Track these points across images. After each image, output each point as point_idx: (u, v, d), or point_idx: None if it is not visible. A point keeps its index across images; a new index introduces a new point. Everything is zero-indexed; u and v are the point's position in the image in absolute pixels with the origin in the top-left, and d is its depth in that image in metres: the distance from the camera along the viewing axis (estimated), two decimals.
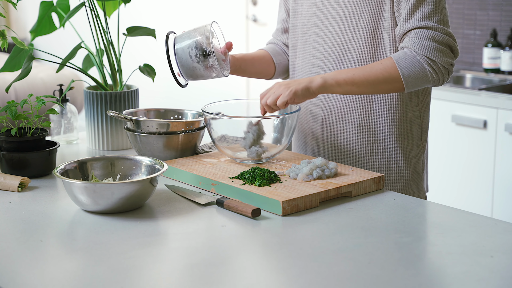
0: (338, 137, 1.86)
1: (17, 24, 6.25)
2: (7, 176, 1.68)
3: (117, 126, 2.02)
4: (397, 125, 1.82)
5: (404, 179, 1.84)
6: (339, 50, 1.82)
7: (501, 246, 1.32)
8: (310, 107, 1.89)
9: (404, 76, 1.69)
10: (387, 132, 1.82)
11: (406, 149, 1.84)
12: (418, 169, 1.87)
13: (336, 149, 1.86)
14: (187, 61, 1.77)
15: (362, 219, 1.47)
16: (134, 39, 2.41)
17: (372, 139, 1.83)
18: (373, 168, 1.83)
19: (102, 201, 1.47)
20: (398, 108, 1.81)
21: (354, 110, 1.83)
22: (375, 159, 1.83)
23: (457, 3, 3.79)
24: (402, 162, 1.83)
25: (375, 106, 1.81)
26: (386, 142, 1.82)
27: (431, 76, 1.70)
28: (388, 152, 1.83)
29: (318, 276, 1.21)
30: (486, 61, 3.61)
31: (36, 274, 1.23)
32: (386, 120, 1.82)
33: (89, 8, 1.98)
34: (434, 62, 1.69)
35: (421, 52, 1.69)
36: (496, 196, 3.08)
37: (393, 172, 1.83)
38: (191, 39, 1.76)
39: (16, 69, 1.92)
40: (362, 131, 1.83)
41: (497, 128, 3.05)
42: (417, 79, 1.70)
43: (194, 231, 1.42)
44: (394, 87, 1.71)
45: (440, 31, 1.69)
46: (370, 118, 1.82)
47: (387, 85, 1.71)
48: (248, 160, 1.75)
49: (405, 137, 1.83)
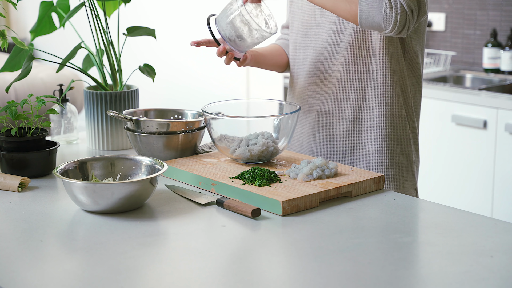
0: (334, 125, 1.88)
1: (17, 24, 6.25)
2: (7, 176, 1.68)
3: (117, 126, 2.02)
4: (390, 109, 1.84)
5: (397, 165, 1.86)
6: (335, 38, 1.85)
7: (501, 246, 1.32)
8: (306, 97, 1.91)
9: (361, 0, 1.67)
10: (381, 117, 1.84)
11: (398, 134, 1.86)
12: (409, 157, 1.89)
13: (332, 137, 1.88)
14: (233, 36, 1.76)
15: (362, 219, 1.47)
16: (135, 39, 2.41)
17: (367, 124, 1.85)
18: (368, 154, 1.86)
19: (102, 201, 1.47)
20: (391, 92, 1.84)
21: (349, 96, 1.86)
22: (370, 145, 1.85)
23: (457, 3, 3.79)
24: (395, 147, 1.86)
25: (369, 91, 1.84)
26: (380, 127, 1.84)
27: (385, 10, 1.65)
28: (382, 138, 1.84)
29: (318, 276, 1.21)
30: (486, 61, 3.61)
31: (36, 274, 1.23)
32: (380, 105, 1.84)
33: (89, 8, 1.98)
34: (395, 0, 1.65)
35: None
36: (496, 196, 3.08)
37: (386, 157, 1.85)
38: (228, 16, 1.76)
39: (16, 69, 1.92)
40: (357, 116, 1.86)
41: (497, 128, 3.05)
42: (371, 8, 1.66)
43: (194, 231, 1.42)
44: (350, 9, 1.69)
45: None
46: (365, 104, 1.85)
47: (345, 4, 1.69)
48: (246, 159, 1.75)
49: (398, 122, 1.86)
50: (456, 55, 3.80)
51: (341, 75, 1.85)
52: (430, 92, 3.26)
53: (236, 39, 1.77)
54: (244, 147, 1.74)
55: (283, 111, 1.88)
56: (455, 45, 3.82)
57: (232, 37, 1.77)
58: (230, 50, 1.81)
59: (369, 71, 1.84)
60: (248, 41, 1.77)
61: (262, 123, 1.77)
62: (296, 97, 1.97)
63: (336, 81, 1.87)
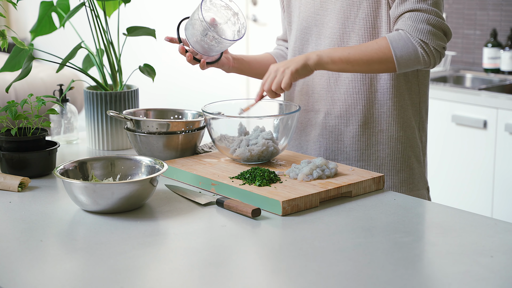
0: (342, 131, 1.87)
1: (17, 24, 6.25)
2: (7, 176, 1.68)
3: (117, 126, 2.02)
4: (399, 113, 1.84)
5: (409, 168, 1.87)
6: (338, 43, 1.84)
7: (501, 246, 1.32)
8: (312, 102, 1.90)
9: (396, 56, 1.72)
10: (391, 121, 1.84)
11: (409, 137, 1.86)
12: (419, 158, 1.89)
13: (341, 143, 1.87)
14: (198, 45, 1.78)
15: (362, 219, 1.47)
16: (135, 39, 2.41)
17: (377, 129, 1.84)
18: (379, 159, 1.85)
19: (102, 201, 1.47)
20: (400, 96, 1.84)
21: (358, 102, 1.84)
22: (380, 149, 1.84)
23: (457, 3, 3.79)
24: (407, 151, 1.86)
25: (379, 96, 1.83)
26: (390, 131, 1.84)
27: (422, 58, 1.73)
28: (393, 142, 1.84)
29: (318, 276, 1.21)
30: (486, 61, 3.61)
31: (36, 274, 1.23)
32: (390, 109, 1.83)
33: (89, 8, 1.98)
34: (427, 45, 1.72)
35: (415, 34, 1.72)
36: (496, 196, 3.08)
37: (398, 161, 1.85)
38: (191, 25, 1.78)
39: (16, 69, 1.92)
40: (367, 122, 1.84)
41: (497, 128, 3.05)
42: (409, 60, 1.73)
43: (194, 231, 1.42)
44: (387, 67, 1.75)
45: (434, 14, 1.72)
46: (374, 108, 1.84)
47: (380, 65, 1.74)
48: (246, 159, 1.75)
49: (408, 125, 1.86)
50: (456, 55, 3.80)
51: (349, 80, 1.85)
52: (430, 92, 3.25)
53: (194, 43, 1.78)
54: (244, 147, 1.74)
55: (283, 111, 1.88)
56: (455, 45, 3.82)
57: (191, 39, 1.78)
58: (191, 52, 1.83)
59: (377, 76, 1.83)
60: (205, 47, 1.78)
61: (262, 123, 1.77)
62: (300, 103, 1.95)
63: (344, 87, 1.85)
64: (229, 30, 1.82)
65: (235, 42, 1.78)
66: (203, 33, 1.75)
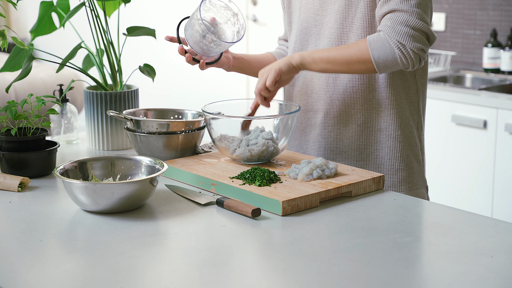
0: (341, 131, 1.87)
1: (17, 24, 6.25)
2: (7, 176, 1.68)
3: (117, 126, 2.02)
4: (397, 112, 1.84)
5: (408, 167, 1.87)
6: (337, 44, 1.84)
7: (501, 246, 1.32)
8: (311, 103, 1.90)
9: (374, 58, 1.72)
10: (389, 120, 1.84)
11: (407, 136, 1.86)
12: (418, 157, 1.90)
13: (341, 143, 1.87)
14: (197, 46, 1.79)
15: (362, 219, 1.47)
16: (135, 39, 2.41)
17: (375, 128, 1.84)
18: (378, 158, 1.85)
19: (102, 201, 1.47)
20: (398, 95, 1.84)
21: (356, 101, 1.84)
22: (379, 149, 1.85)
23: (457, 3, 3.79)
24: (406, 150, 1.86)
25: (377, 95, 1.84)
26: (389, 130, 1.84)
27: (400, 60, 1.72)
28: (392, 141, 1.84)
29: (318, 276, 1.21)
30: (486, 61, 3.61)
31: (36, 274, 1.23)
32: (388, 108, 1.84)
33: (89, 8, 1.98)
34: (404, 47, 1.70)
35: (393, 36, 1.71)
36: (496, 196, 3.09)
37: (397, 160, 1.85)
38: (191, 26, 1.78)
39: (16, 69, 1.92)
40: (365, 121, 1.85)
41: (497, 128, 3.05)
42: (387, 62, 1.73)
43: (194, 231, 1.42)
44: (366, 67, 1.75)
45: (415, 15, 1.71)
46: (373, 108, 1.84)
47: (360, 65, 1.74)
48: (245, 159, 1.75)
49: (405, 123, 1.86)
50: (456, 55, 3.80)
51: (347, 80, 1.85)
52: (430, 92, 3.26)
53: (193, 44, 1.79)
54: (244, 147, 1.74)
55: (283, 111, 1.88)
56: (455, 45, 3.82)
57: (190, 40, 1.79)
58: (190, 52, 1.84)
59: (375, 75, 1.83)
60: (204, 48, 1.78)
61: (262, 123, 1.77)
62: (300, 103, 1.95)
63: (342, 86, 1.86)
64: (228, 31, 1.82)
65: (234, 44, 1.78)
66: (202, 34, 1.75)
